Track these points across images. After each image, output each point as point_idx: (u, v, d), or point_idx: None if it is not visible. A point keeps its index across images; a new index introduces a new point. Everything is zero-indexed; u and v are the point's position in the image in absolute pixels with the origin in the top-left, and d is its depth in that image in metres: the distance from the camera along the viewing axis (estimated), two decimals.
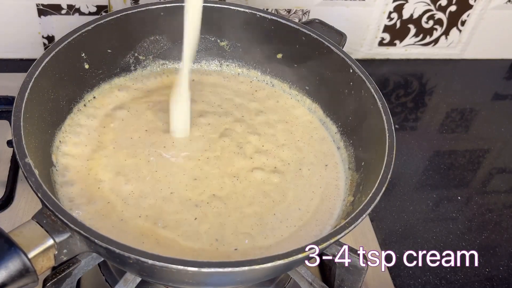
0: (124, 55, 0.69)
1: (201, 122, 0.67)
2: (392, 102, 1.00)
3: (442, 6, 1.00)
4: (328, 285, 0.62)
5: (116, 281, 0.59)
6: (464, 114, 1.01)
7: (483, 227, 0.81)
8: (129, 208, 0.56)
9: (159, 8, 0.67)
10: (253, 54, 0.73)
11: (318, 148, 0.67)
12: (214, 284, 0.52)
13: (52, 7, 0.88)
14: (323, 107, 0.71)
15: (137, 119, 0.66)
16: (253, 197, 0.60)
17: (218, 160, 0.62)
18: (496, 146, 0.96)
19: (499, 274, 0.76)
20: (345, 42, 0.71)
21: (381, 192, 0.52)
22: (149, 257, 0.43)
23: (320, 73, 0.69)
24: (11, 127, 0.51)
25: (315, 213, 0.60)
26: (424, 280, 0.73)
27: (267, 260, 0.45)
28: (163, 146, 0.63)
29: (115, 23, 0.65)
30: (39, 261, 0.45)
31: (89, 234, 0.44)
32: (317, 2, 0.95)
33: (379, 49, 1.05)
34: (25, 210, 0.71)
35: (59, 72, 0.60)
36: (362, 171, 0.62)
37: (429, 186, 0.86)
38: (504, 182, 0.89)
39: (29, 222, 0.46)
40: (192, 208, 0.57)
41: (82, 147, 0.61)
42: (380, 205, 0.82)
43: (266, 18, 0.69)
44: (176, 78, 0.63)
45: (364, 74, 0.64)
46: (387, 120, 0.59)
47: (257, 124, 0.68)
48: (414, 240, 0.78)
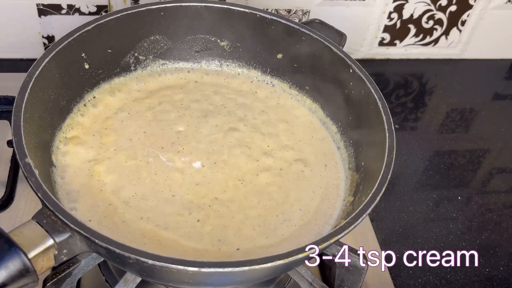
0: (124, 55, 0.69)
1: (206, 122, 0.67)
2: (392, 102, 1.00)
3: (442, 6, 1.00)
4: (328, 285, 0.62)
5: (116, 281, 0.59)
6: (464, 114, 1.01)
7: (483, 227, 0.81)
8: (131, 210, 0.56)
9: (159, 8, 0.67)
10: (253, 54, 0.73)
11: (318, 148, 0.67)
12: (214, 284, 0.52)
13: (52, 7, 0.88)
14: (323, 107, 0.71)
15: (137, 120, 0.66)
16: (257, 200, 0.60)
17: (225, 164, 0.62)
18: (496, 146, 0.96)
19: (499, 274, 0.76)
20: (345, 42, 0.71)
21: (381, 192, 0.52)
22: (149, 257, 0.43)
23: (320, 73, 0.69)
24: (11, 127, 0.51)
25: (315, 213, 0.60)
26: (424, 280, 0.73)
27: (267, 260, 0.45)
28: (161, 147, 0.63)
29: (115, 23, 0.65)
30: (39, 261, 0.45)
31: (89, 234, 0.44)
32: (317, 2, 0.95)
33: (379, 49, 1.05)
34: (25, 210, 0.71)
35: (59, 72, 0.60)
36: (362, 171, 0.62)
37: (429, 186, 0.86)
38: (504, 182, 0.89)
39: (29, 222, 0.46)
40: (195, 210, 0.57)
41: (82, 148, 0.61)
42: (380, 205, 0.82)
43: (266, 18, 0.69)
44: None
45: (364, 74, 0.64)
46: (387, 120, 0.59)
47: (260, 124, 0.68)
48: (414, 240, 0.78)
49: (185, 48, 0.73)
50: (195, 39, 0.72)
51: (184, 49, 0.73)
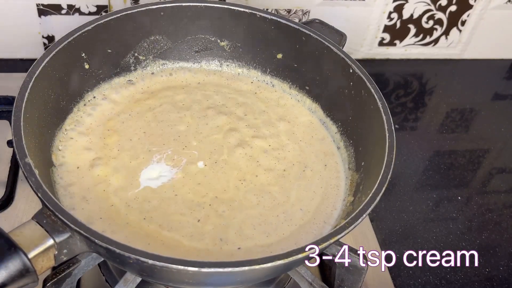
0: (124, 55, 0.69)
1: (207, 122, 0.67)
2: (392, 102, 1.00)
3: (442, 6, 1.00)
4: (328, 285, 0.61)
5: (116, 281, 0.59)
6: (464, 114, 1.01)
7: (483, 227, 0.81)
8: (133, 211, 0.56)
9: (159, 8, 0.67)
10: (253, 54, 0.73)
11: (319, 148, 0.67)
12: (215, 284, 0.52)
13: (52, 7, 0.88)
14: (323, 107, 0.71)
15: (137, 120, 0.66)
16: (258, 200, 0.60)
17: (225, 164, 0.62)
18: (496, 146, 0.96)
19: (499, 274, 0.76)
20: (345, 42, 0.71)
21: (381, 192, 0.52)
22: (149, 257, 0.43)
23: (320, 73, 0.69)
24: (11, 127, 0.51)
25: (316, 213, 0.60)
26: (424, 280, 0.73)
27: (267, 260, 0.45)
28: (162, 147, 0.63)
29: (115, 23, 0.65)
30: (39, 261, 0.45)
31: (89, 234, 0.44)
32: (317, 2, 0.95)
33: (379, 49, 1.05)
34: (25, 210, 0.71)
35: (59, 72, 0.60)
36: (362, 171, 0.62)
37: (429, 186, 0.86)
38: (504, 182, 0.89)
39: (29, 222, 0.46)
40: (196, 209, 0.57)
41: (82, 148, 0.61)
42: (380, 205, 0.82)
43: (266, 18, 0.69)
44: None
45: (364, 74, 0.64)
46: (387, 120, 0.59)
47: (260, 124, 0.68)
48: (414, 240, 0.78)
49: (185, 48, 0.73)
50: (195, 39, 0.72)
51: (184, 49, 0.73)
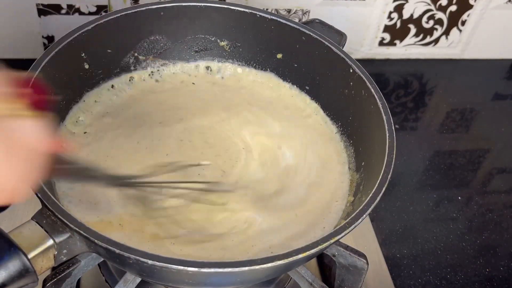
0: (124, 55, 0.69)
1: (207, 122, 0.67)
2: (392, 102, 1.00)
3: (442, 6, 1.00)
4: (328, 285, 0.62)
5: (116, 281, 0.59)
6: (464, 114, 1.01)
7: (483, 227, 0.81)
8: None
9: (159, 8, 0.67)
10: (253, 54, 0.73)
11: (319, 148, 0.67)
12: (214, 284, 0.52)
13: (52, 7, 0.88)
14: (323, 107, 0.71)
15: (138, 121, 0.66)
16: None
17: (225, 164, 0.62)
18: (496, 146, 0.96)
19: (499, 274, 0.76)
20: (345, 42, 0.71)
21: (381, 192, 0.52)
22: (149, 257, 0.43)
23: (320, 73, 0.69)
24: None
25: (315, 213, 0.60)
26: (424, 280, 0.73)
27: (267, 260, 0.45)
28: (163, 147, 0.63)
29: (115, 23, 0.65)
30: (39, 261, 0.45)
31: (89, 234, 0.44)
32: (317, 2, 0.95)
33: (379, 49, 1.05)
34: (25, 210, 0.71)
35: (59, 72, 0.60)
36: (362, 171, 0.62)
37: (429, 186, 0.86)
38: (504, 182, 0.89)
39: (29, 222, 0.46)
40: (201, 209, 0.57)
41: (82, 148, 0.61)
42: (380, 205, 0.82)
43: (266, 18, 0.69)
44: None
45: (364, 74, 0.64)
46: (387, 120, 0.59)
47: (261, 123, 0.68)
48: (414, 240, 0.78)
49: (185, 48, 0.73)
50: (195, 39, 0.72)
51: (184, 49, 0.73)
